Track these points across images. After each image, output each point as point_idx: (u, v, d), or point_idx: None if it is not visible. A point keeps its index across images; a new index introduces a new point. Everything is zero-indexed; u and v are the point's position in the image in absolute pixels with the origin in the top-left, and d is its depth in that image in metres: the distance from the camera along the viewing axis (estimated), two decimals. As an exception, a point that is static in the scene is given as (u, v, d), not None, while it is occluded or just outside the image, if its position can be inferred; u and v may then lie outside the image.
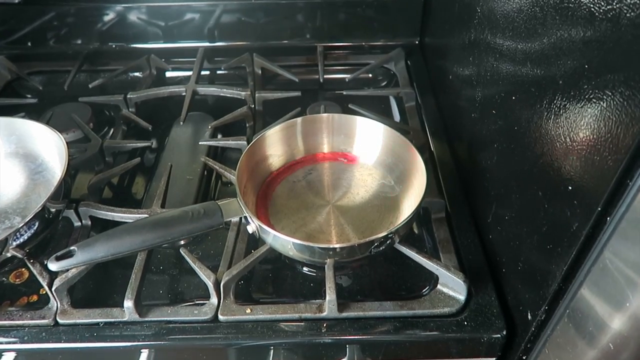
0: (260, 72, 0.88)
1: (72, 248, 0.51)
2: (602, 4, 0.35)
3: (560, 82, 0.41)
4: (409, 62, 0.90)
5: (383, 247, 0.53)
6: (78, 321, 0.54)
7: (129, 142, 0.75)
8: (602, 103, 0.36)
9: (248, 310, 0.53)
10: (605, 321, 0.38)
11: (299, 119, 0.68)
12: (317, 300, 0.55)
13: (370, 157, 0.68)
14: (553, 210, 0.43)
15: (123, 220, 0.61)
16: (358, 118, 0.67)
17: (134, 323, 0.53)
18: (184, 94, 0.81)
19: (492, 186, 0.57)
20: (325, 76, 0.88)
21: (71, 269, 0.54)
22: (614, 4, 0.34)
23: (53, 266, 0.50)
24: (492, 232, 0.57)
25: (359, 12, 0.90)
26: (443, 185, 0.67)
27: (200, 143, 0.74)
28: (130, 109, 0.81)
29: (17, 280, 0.59)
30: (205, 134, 0.78)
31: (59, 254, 0.51)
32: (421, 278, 0.57)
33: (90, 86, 0.85)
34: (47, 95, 0.89)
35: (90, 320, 0.54)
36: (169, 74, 0.92)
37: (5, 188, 0.64)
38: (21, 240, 0.55)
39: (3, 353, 0.53)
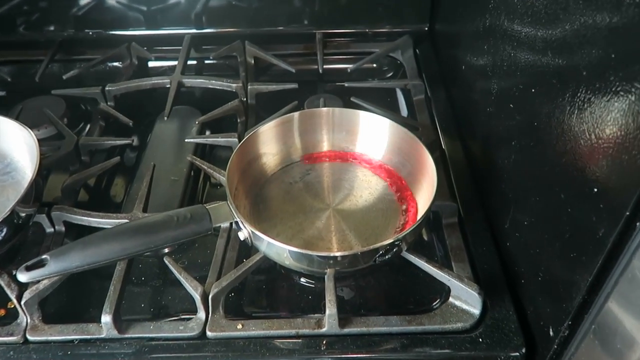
0: (252, 61, 0.88)
1: (44, 257, 0.51)
2: (631, -14, 0.35)
3: (584, 73, 0.41)
4: (417, 50, 0.90)
5: (389, 256, 0.53)
6: (50, 338, 0.54)
7: (108, 139, 0.75)
8: (630, 96, 0.36)
9: (239, 326, 0.53)
10: (635, 337, 0.38)
11: (295, 114, 0.68)
12: (315, 315, 0.55)
13: (374, 156, 0.68)
14: (577, 214, 0.43)
15: (100, 225, 0.61)
16: (361, 113, 0.68)
17: (113, 340, 0.53)
18: (168, 85, 0.81)
19: (509, 188, 0.57)
20: (324, 66, 0.88)
21: (43, 280, 0.54)
22: (644, -14, 0.34)
23: (23, 277, 0.50)
24: (509, 239, 0.57)
25: (362, -5, 0.90)
26: (455, 187, 0.67)
27: (186, 140, 0.74)
28: (108, 103, 0.81)
29: (-17, 292, 0.59)
30: (192, 131, 0.78)
31: (29, 263, 0.51)
32: (431, 290, 0.57)
33: (64, 77, 0.85)
34: (16, 87, 0.89)
35: (63, 337, 0.54)
36: (151, 64, 0.92)
37: (-31, 190, 0.65)
38: (-13, 248, 0.55)
39: (-33, 373, 0.53)
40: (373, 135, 0.67)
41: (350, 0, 0.91)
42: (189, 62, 0.88)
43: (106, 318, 0.52)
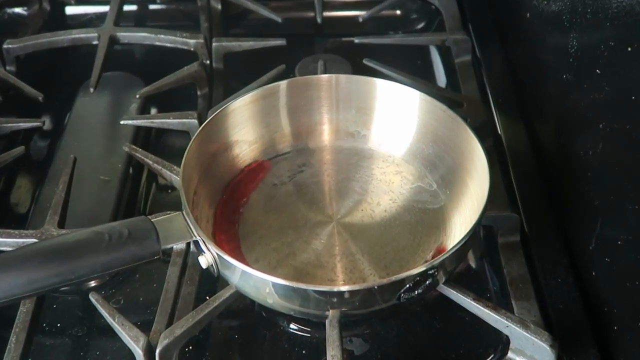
0: (219, 6, 0.88)
1: None
2: None
3: None
4: (461, -10, 0.91)
5: (420, 291, 0.53)
6: None
7: (7, 120, 0.75)
8: None
9: (200, 394, 0.53)
10: None
11: (282, 84, 0.68)
12: (312, 378, 0.55)
13: (398, 145, 0.68)
14: (694, 229, 0.43)
15: (-3, 247, 0.62)
16: (378, 82, 0.68)
17: (15, 415, 0.53)
18: (95, 42, 0.81)
19: (595, 192, 0.57)
20: (325, 13, 0.88)
21: None
22: None
23: None
24: (595, 266, 0.57)
25: None
26: (517, 191, 0.67)
27: (122, 122, 0.74)
28: (7, 67, 0.81)
29: None
30: (131, 108, 0.78)
31: None
32: (482, 340, 0.58)
33: (-58, 30, 0.86)
34: None
35: (-57, 411, 0.54)
36: (70, 10, 0.92)
37: None
38: None
39: None
40: (396, 114, 0.68)
41: None
42: (126, 8, 0.88)
43: (5, 383, 0.53)
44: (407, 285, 0.52)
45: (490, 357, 0.57)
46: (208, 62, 0.80)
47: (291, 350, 0.58)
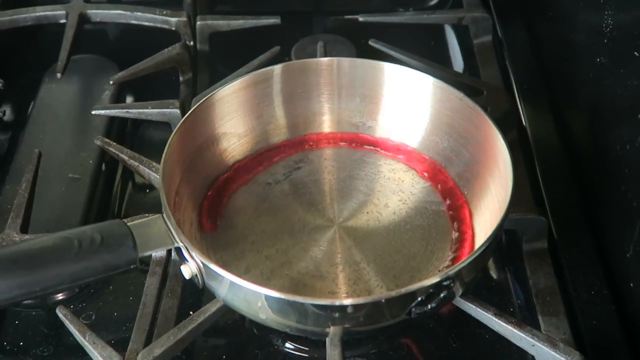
0: (205, -20, 0.89)
1: None
2: None
3: None
4: (480, -39, 0.91)
5: (433, 305, 0.53)
6: None
7: (-38, 110, 0.75)
8: None
9: (183, 422, 0.54)
10: None
11: (277, 69, 0.68)
12: (311, 404, 0.56)
13: (408, 139, 0.68)
14: None
15: (-49, 255, 0.61)
16: (386, 66, 0.68)
17: None
18: (63, 20, 0.81)
19: (633, 191, 0.57)
20: (325, -12, 0.88)
21: None
22: None
23: None
24: (633, 277, 0.57)
25: None
26: (544, 191, 0.67)
27: (93, 112, 0.74)
28: (-37, 50, 0.82)
29: None
30: (104, 96, 0.78)
31: None
32: (504, 361, 0.58)
33: None
34: None
35: None
36: (35, -15, 0.92)
37: None
38: None
39: None
40: (406, 103, 0.68)
41: None
42: (98, -19, 0.88)
43: (-40, 409, 0.53)
44: (419, 299, 0.52)
45: (514, 380, 0.57)
46: (192, 43, 0.80)
47: (286, 373, 0.58)
